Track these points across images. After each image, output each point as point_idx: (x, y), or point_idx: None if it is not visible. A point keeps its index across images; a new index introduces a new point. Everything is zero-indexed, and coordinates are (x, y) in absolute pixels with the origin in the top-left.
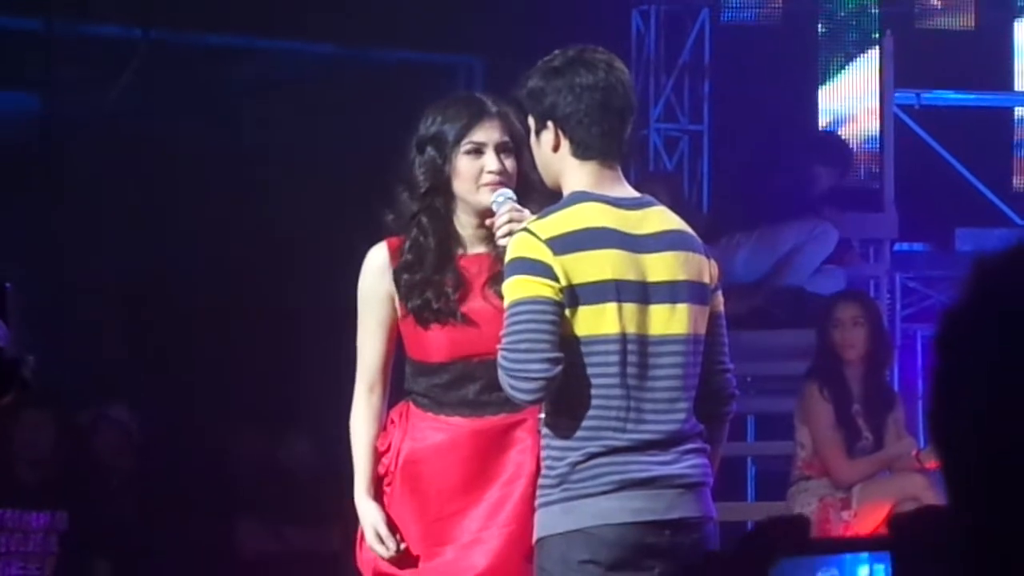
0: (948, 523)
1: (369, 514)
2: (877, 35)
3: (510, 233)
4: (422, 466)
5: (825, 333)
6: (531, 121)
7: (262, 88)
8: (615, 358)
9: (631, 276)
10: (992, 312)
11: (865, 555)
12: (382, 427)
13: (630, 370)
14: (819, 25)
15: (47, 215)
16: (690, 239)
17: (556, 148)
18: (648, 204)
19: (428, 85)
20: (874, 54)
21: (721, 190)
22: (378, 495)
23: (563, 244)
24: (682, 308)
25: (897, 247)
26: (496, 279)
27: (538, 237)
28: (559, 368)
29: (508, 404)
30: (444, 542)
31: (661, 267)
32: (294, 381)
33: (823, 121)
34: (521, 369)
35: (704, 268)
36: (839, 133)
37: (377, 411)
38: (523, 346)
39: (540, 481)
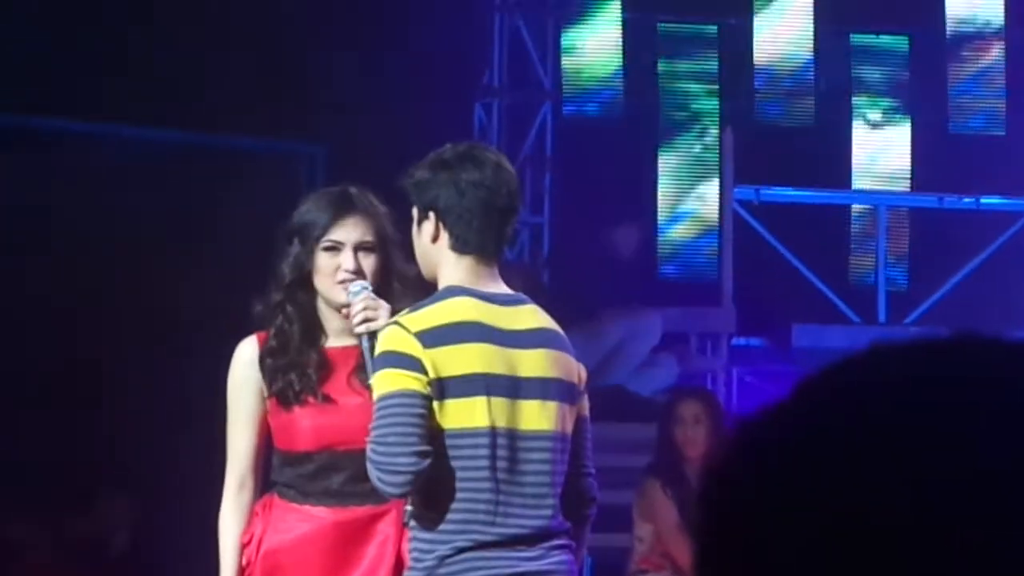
0: None
1: None
2: (717, 128)
3: (365, 321)
4: (282, 557)
5: (666, 429)
6: (414, 211)
7: (102, 175)
8: (484, 452)
9: (501, 370)
10: (763, 468)
11: None
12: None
13: (500, 464)
14: (660, 118)
15: None
16: (562, 339)
17: (435, 240)
18: (522, 301)
19: (272, 173)
20: (714, 147)
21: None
22: None
23: (432, 337)
24: (552, 405)
25: (735, 342)
26: (362, 369)
27: (408, 330)
28: (427, 462)
29: (373, 496)
30: None
31: (533, 363)
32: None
33: (663, 215)
34: (389, 463)
35: (574, 369)
36: (678, 228)
37: (246, 508)
38: (391, 439)
39: (407, 574)
